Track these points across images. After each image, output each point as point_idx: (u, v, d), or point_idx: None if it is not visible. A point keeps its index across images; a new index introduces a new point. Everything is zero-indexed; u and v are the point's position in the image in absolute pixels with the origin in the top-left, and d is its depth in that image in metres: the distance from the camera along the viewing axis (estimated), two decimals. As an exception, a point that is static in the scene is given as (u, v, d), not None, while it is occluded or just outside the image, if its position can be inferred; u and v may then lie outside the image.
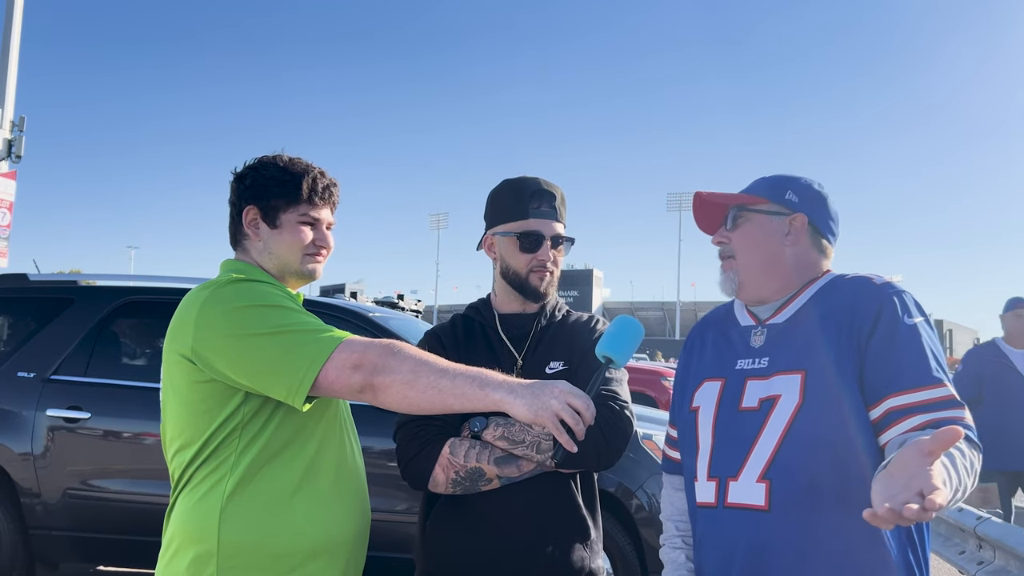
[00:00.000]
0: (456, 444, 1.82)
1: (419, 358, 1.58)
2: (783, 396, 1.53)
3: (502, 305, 2.03)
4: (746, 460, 1.55)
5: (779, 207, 1.67)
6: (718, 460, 1.60)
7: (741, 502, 1.54)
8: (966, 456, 1.35)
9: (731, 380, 1.64)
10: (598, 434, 1.80)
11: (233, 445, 1.67)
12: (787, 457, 1.50)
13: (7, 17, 11.18)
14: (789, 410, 1.52)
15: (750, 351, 1.65)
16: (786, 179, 1.70)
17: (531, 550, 1.83)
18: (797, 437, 1.50)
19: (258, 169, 1.83)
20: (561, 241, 2.00)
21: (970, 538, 4.72)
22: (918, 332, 1.51)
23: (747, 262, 1.66)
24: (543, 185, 1.99)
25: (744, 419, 1.58)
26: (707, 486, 1.61)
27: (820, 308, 1.60)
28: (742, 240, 1.68)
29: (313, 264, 1.85)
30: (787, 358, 1.58)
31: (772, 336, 1.63)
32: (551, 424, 1.48)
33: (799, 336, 1.59)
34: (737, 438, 1.58)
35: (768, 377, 1.58)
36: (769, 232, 1.66)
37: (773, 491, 1.50)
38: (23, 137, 11.10)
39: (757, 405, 1.57)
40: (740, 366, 1.64)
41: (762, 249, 1.66)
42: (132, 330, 4.83)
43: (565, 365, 1.94)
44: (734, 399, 1.61)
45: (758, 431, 1.54)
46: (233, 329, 1.63)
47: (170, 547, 1.69)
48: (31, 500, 4.26)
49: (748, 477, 1.54)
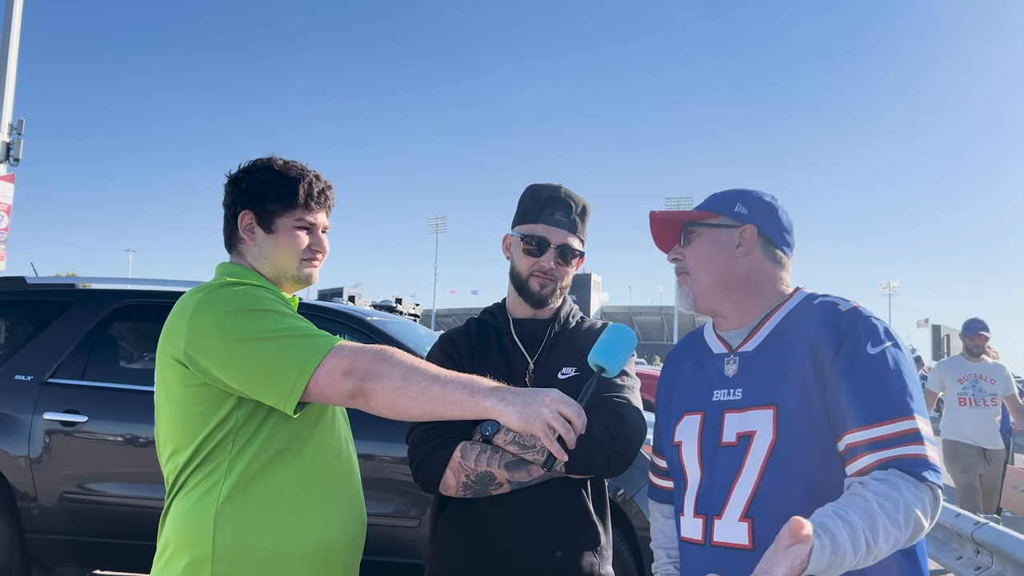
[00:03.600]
0: (467, 448, 1.82)
1: (410, 364, 1.57)
2: (758, 432, 1.52)
3: (515, 309, 2.03)
4: (728, 498, 1.53)
5: (729, 220, 1.67)
6: (704, 497, 1.58)
7: (727, 541, 1.53)
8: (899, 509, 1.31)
9: (710, 413, 1.62)
10: (608, 440, 1.80)
11: (227, 449, 1.66)
12: (766, 496, 1.49)
13: (6, 20, 11.17)
14: (765, 447, 1.50)
15: (725, 381, 1.63)
16: (736, 192, 1.71)
17: (540, 555, 1.83)
18: (774, 475, 1.49)
19: (253, 173, 1.82)
20: (570, 253, 1.97)
21: (967, 543, 4.73)
22: (882, 361, 1.46)
23: (700, 276, 1.67)
24: (562, 193, 1.99)
25: (725, 455, 1.56)
26: (694, 523, 1.59)
27: (787, 336, 1.58)
28: (694, 255, 1.68)
29: (309, 268, 1.84)
30: (759, 391, 1.56)
31: (744, 365, 1.61)
32: (541, 432, 1.47)
33: (768, 366, 1.57)
34: (720, 475, 1.57)
35: (743, 410, 1.57)
36: (720, 245, 1.66)
37: (756, 530, 1.49)
38: (21, 140, 11.09)
39: (735, 440, 1.55)
40: (716, 397, 1.62)
41: (714, 263, 1.66)
42: (130, 333, 4.82)
43: (578, 371, 1.93)
44: (715, 433, 1.60)
45: (738, 468, 1.53)
46: (225, 333, 1.62)
47: (165, 551, 1.68)
48: (28, 504, 4.24)
49: (731, 515, 1.53)
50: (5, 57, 11.06)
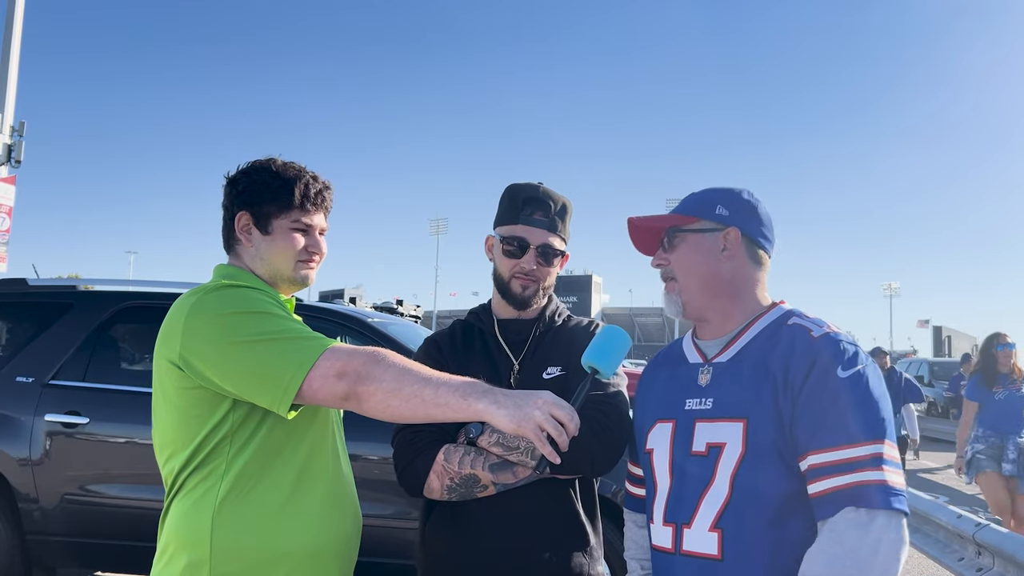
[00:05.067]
0: (451, 450, 1.81)
1: (403, 367, 1.56)
2: (728, 444, 1.52)
3: (500, 310, 2.02)
4: (698, 507, 1.54)
5: (712, 223, 1.65)
6: (674, 505, 1.59)
7: (695, 550, 1.53)
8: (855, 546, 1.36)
9: (681, 421, 1.62)
10: (593, 440, 1.79)
11: (224, 451, 1.67)
12: (736, 507, 1.49)
13: (7, 22, 11.20)
14: (734, 459, 1.51)
15: (697, 390, 1.62)
16: (714, 192, 1.69)
17: (529, 556, 1.83)
18: (743, 488, 1.49)
19: (250, 174, 1.82)
20: (551, 252, 1.95)
21: (969, 544, 4.72)
22: (851, 385, 1.45)
23: (688, 282, 1.65)
24: (540, 192, 1.95)
25: (695, 464, 1.57)
26: (664, 531, 1.60)
27: (760, 353, 1.57)
28: (680, 261, 1.66)
29: (306, 270, 1.84)
30: (730, 403, 1.56)
31: (717, 375, 1.61)
32: (533, 435, 1.47)
33: (740, 380, 1.57)
34: (689, 484, 1.57)
35: (713, 420, 1.57)
36: (705, 250, 1.64)
37: (725, 540, 1.49)
38: (23, 142, 11.12)
39: (705, 451, 1.56)
40: (688, 406, 1.62)
41: (701, 268, 1.64)
42: (131, 335, 4.83)
43: (563, 371, 1.92)
44: (686, 442, 1.60)
45: (709, 479, 1.53)
46: (219, 336, 1.62)
47: (164, 553, 1.69)
48: (29, 505, 4.25)
49: (700, 525, 1.53)
50: (7, 59, 11.09)
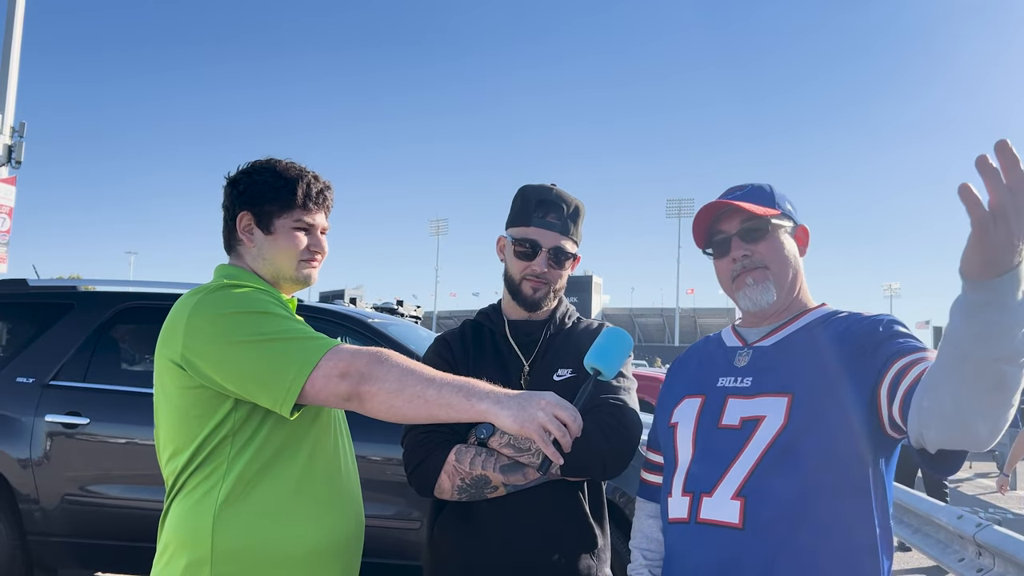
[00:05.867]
0: (462, 451, 1.81)
1: (406, 367, 1.56)
2: (768, 417, 1.53)
3: (511, 311, 2.02)
4: (723, 477, 1.53)
5: (788, 220, 1.70)
6: (694, 476, 1.58)
7: (714, 518, 1.52)
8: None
9: (711, 397, 1.63)
10: (603, 442, 1.79)
11: (225, 451, 1.66)
12: (765, 476, 1.49)
13: (8, 23, 11.21)
14: (772, 431, 1.51)
15: (732, 370, 1.64)
16: (774, 188, 1.73)
17: (537, 558, 1.82)
18: (777, 458, 1.49)
19: (252, 174, 1.82)
20: (563, 255, 1.95)
21: (969, 545, 4.72)
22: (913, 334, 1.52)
23: (783, 273, 1.66)
24: (553, 195, 1.95)
25: (723, 436, 1.57)
26: (681, 501, 1.59)
27: (812, 338, 1.60)
28: (774, 252, 1.66)
29: (308, 269, 1.84)
30: (773, 381, 1.57)
31: (757, 357, 1.63)
32: (536, 436, 1.47)
33: (787, 361, 1.59)
34: (715, 455, 1.56)
35: (751, 397, 1.57)
36: (791, 245, 1.69)
37: (748, 509, 1.49)
38: (23, 143, 11.12)
39: (738, 424, 1.56)
40: (721, 383, 1.64)
41: (792, 261, 1.68)
42: (131, 336, 4.83)
43: (573, 373, 1.91)
44: (714, 416, 1.60)
45: (738, 450, 1.53)
46: (221, 336, 1.62)
47: (164, 553, 1.69)
48: (29, 506, 4.25)
49: (723, 494, 1.52)
50: (7, 60, 11.09)
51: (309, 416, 1.74)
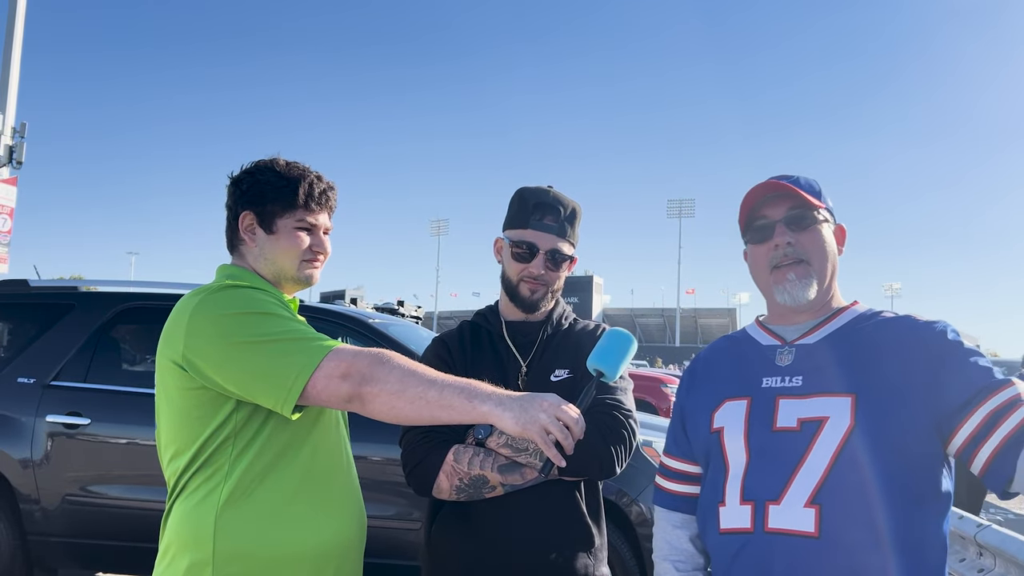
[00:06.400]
0: (460, 451, 1.82)
1: (407, 368, 1.56)
2: (831, 418, 1.46)
3: (508, 312, 2.03)
4: (789, 483, 1.45)
5: (830, 214, 1.65)
6: (754, 482, 1.50)
7: (785, 527, 1.44)
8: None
9: (758, 398, 1.55)
10: (600, 442, 1.80)
11: (227, 452, 1.66)
12: (840, 482, 1.42)
13: (9, 23, 11.22)
14: (840, 433, 1.44)
15: (776, 369, 1.57)
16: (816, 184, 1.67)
17: (534, 558, 1.83)
18: (850, 462, 1.43)
19: (254, 174, 1.82)
20: (560, 258, 1.96)
21: (970, 545, 4.71)
22: (979, 353, 1.47)
23: (823, 268, 1.60)
24: (551, 197, 1.96)
25: (782, 440, 1.49)
26: (740, 510, 1.51)
27: (863, 337, 1.54)
28: (816, 245, 1.60)
29: (310, 270, 1.84)
30: (829, 380, 1.50)
31: (802, 355, 1.56)
32: (539, 438, 1.46)
33: (842, 359, 1.52)
34: (775, 460, 1.49)
35: (806, 396, 1.50)
36: (831, 239, 1.63)
37: (824, 517, 1.42)
38: (24, 143, 11.13)
39: (797, 426, 1.48)
40: (767, 384, 1.56)
41: (832, 256, 1.62)
42: (132, 336, 4.83)
43: (570, 373, 1.93)
44: (766, 418, 1.52)
45: (803, 453, 1.46)
46: (222, 336, 1.62)
47: (166, 554, 1.69)
48: (30, 506, 4.25)
49: (794, 501, 1.44)
50: (8, 60, 11.10)
51: (311, 417, 1.74)
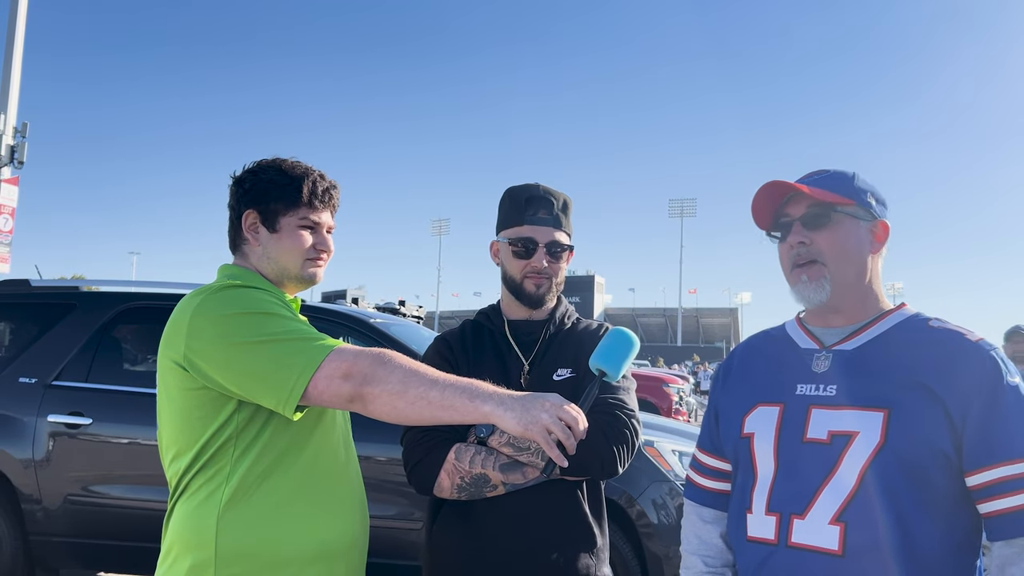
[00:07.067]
0: (462, 450, 1.82)
1: (409, 368, 1.55)
2: (861, 434, 1.42)
3: (510, 311, 2.03)
4: (815, 498, 1.43)
5: (864, 211, 1.55)
6: (780, 494, 1.47)
7: (809, 543, 1.42)
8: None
9: (791, 406, 1.51)
10: (603, 442, 1.80)
11: (228, 453, 1.66)
12: (867, 501, 1.39)
13: (10, 23, 11.22)
14: (868, 450, 1.40)
15: (812, 376, 1.52)
16: (861, 180, 1.58)
17: (536, 557, 1.83)
18: (878, 481, 1.39)
19: (257, 173, 1.82)
20: (559, 249, 1.98)
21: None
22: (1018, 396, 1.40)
23: (841, 269, 1.52)
24: (541, 191, 1.98)
25: (811, 452, 1.46)
26: (765, 521, 1.49)
27: (903, 348, 1.48)
28: (834, 245, 1.53)
29: (313, 268, 1.84)
30: (863, 392, 1.45)
31: (839, 363, 1.51)
32: (541, 438, 1.46)
33: (876, 370, 1.47)
34: (803, 472, 1.46)
35: (837, 408, 1.46)
36: (859, 238, 1.54)
37: (849, 535, 1.39)
38: (26, 143, 11.13)
39: (827, 439, 1.45)
40: (801, 391, 1.52)
41: (855, 255, 1.53)
42: (134, 336, 4.83)
43: (573, 372, 1.93)
44: (797, 428, 1.49)
45: (831, 468, 1.43)
46: (224, 337, 1.62)
47: (169, 554, 1.68)
48: (32, 506, 4.25)
49: (819, 517, 1.42)
50: (9, 60, 11.11)
51: (312, 418, 1.73)
